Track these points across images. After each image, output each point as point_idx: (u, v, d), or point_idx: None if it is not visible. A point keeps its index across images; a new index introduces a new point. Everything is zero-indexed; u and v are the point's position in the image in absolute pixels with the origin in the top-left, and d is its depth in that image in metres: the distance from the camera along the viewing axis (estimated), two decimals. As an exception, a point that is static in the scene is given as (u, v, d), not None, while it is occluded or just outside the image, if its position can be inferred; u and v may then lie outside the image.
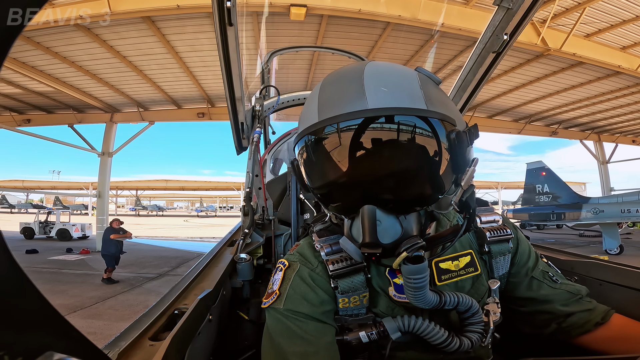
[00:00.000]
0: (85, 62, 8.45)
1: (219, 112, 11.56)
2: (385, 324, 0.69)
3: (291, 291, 0.72)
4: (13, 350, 0.25)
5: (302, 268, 0.75)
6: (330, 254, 0.74)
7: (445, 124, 0.61)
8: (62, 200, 37.51)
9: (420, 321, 0.68)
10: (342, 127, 0.59)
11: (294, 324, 0.68)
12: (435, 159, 0.60)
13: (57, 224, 16.13)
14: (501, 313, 0.76)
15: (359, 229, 0.61)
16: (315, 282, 0.73)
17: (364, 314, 0.73)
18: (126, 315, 5.43)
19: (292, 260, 0.78)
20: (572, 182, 30.11)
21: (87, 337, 0.33)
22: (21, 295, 0.27)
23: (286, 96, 2.18)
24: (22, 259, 10.70)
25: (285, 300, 0.71)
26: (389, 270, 0.75)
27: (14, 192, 43.77)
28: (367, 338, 0.69)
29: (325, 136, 0.61)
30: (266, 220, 1.54)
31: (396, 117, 0.57)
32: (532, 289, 0.83)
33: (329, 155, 0.61)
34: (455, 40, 7.56)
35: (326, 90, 0.66)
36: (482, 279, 0.80)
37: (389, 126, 0.57)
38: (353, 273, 0.72)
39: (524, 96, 11.39)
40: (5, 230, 1.98)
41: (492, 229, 0.82)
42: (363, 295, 0.72)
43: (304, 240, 0.86)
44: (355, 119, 0.58)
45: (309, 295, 0.71)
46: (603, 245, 11.19)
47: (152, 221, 36.89)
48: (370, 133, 0.58)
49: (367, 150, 0.58)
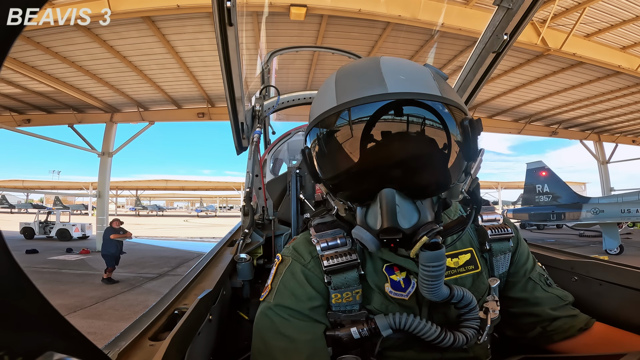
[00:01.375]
0: (85, 62, 8.46)
1: (219, 112, 11.57)
2: (377, 321, 0.69)
3: (281, 286, 0.74)
4: (13, 350, 0.25)
5: (294, 263, 0.76)
6: (326, 249, 0.74)
7: (460, 112, 0.63)
8: (62, 200, 37.52)
9: (411, 318, 0.68)
10: (363, 111, 0.58)
11: (280, 318, 0.69)
12: (451, 145, 0.61)
13: (57, 224, 16.14)
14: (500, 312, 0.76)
15: (376, 214, 0.60)
16: (306, 277, 0.74)
17: (357, 310, 0.73)
18: (126, 315, 5.43)
19: (286, 255, 0.80)
20: (572, 182, 30.12)
21: (87, 337, 0.33)
22: (21, 295, 0.27)
23: (286, 96, 2.18)
24: (22, 259, 10.70)
25: (275, 295, 0.73)
26: (386, 266, 0.75)
27: (14, 192, 43.81)
28: (358, 334, 0.69)
29: (344, 120, 0.60)
30: (266, 220, 1.54)
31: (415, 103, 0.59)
32: (526, 290, 0.84)
33: (349, 139, 0.60)
34: (455, 40, 7.56)
35: (343, 80, 0.65)
36: (482, 277, 0.80)
37: (410, 110, 0.58)
38: (347, 269, 0.72)
39: (524, 96, 11.39)
40: (5, 230, 1.97)
41: (493, 227, 0.83)
42: (356, 291, 0.72)
43: (301, 234, 0.86)
44: (378, 101, 0.57)
45: (298, 291, 0.72)
46: (603, 245, 11.19)
47: (152, 221, 36.89)
48: (391, 117, 0.57)
49: (388, 134, 0.58)
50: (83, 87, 9.97)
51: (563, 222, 13.25)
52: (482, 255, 0.82)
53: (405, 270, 0.75)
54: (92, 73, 8.98)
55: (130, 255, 10.24)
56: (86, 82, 9.58)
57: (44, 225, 16.36)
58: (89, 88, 10.04)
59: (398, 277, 0.75)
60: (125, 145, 13.04)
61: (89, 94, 10.41)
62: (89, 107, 11.58)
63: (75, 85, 9.72)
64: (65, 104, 11.28)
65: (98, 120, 12.19)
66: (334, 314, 0.72)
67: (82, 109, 11.80)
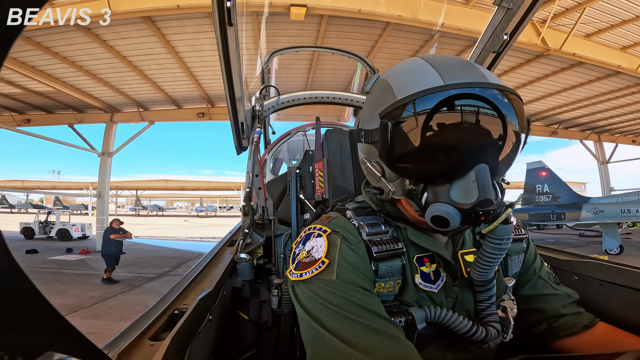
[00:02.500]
0: (85, 62, 8.45)
1: (219, 112, 11.56)
2: (414, 313, 0.69)
3: (341, 260, 0.66)
4: (13, 350, 0.25)
5: (344, 240, 0.70)
6: (372, 234, 0.72)
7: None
8: (62, 200, 37.48)
9: (444, 312, 0.70)
10: (472, 94, 0.62)
11: (358, 298, 0.61)
12: (520, 135, 0.67)
13: (57, 224, 16.12)
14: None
15: (467, 189, 0.62)
16: (357, 252, 0.70)
17: (391, 301, 0.72)
18: (126, 315, 5.43)
19: (332, 228, 0.73)
20: (572, 182, 30.11)
21: (87, 337, 0.33)
22: (21, 295, 0.27)
23: (286, 96, 2.18)
24: (22, 259, 10.70)
25: (338, 270, 0.65)
26: (417, 257, 0.75)
27: (14, 192, 43.79)
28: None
29: (452, 99, 0.62)
30: (266, 220, 1.54)
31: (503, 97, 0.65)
32: (536, 288, 0.87)
33: (452, 117, 0.62)
34: (455, 40, 7.55)
35: (442, 64, 0.67)
36: (501, 276, 0.82)
37: (504, 101, 0.64)
38: (394, 257, 0.71)
39: (524, 96, 11.38)
40: (5, 230, 1.98)
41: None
42: (397, 281, 0.72)
43: (334, 213, 0.80)
44: (487, 87, 0.62)
45: (361, 267, 0.67)
46: (603, 245, 11.18)
47: (152, 221, 36.90)
48: (490, 103, 0.62)
49: (487, 116, 0.62)
50: (83, 87, 9.97)
51: (563, 222, 13.25)
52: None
53: (435, 263, 0.76)
54: (92, 73, 8.98)
55: (130, 255, 10.24)
56: (86, 82, 9.58)
57: (44, 225, 16.34)
58: (89, 88, 10.04)
59: (428, 269, 0.75)
60: (125, 145, 13.04)
61: (89, 94, 10.41)
62: (89, 107, 11.57)
63: (75, 85, 9.72)
64: (65, 104, 11.28)
65: (98, 120, 12.19)
66: None
67: (82, 109, 11.79)
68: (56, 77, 9.01)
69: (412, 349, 0.58)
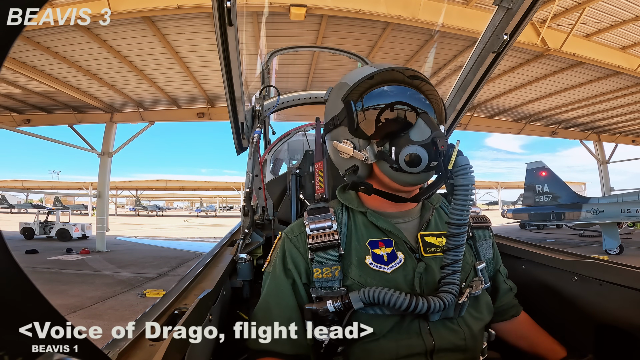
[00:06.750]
0: (85, 62, 8.45)
1: (219, 112, 11.55)
2: (350, 295, 0.77)
3: (274, 257, 0.93)
4: (13, 350, 0.25)
5: (284, 237, 0.94)
6: (315, 230, 0.88)
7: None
8: (62, 200, 37.48)
9: (379, 290, 0.75)
10: (397, 68, 0.85)
11: (271, 282, 0.90)
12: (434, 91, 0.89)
13: (57, 224, 16.09)
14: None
15: (420, 130, 0.78)
16: (295, 246, 0.90)
17: (337, 286, 0.82)
18: (126, 315, 5.43)
19: (284, 232, 0.97)
20: (573, 182, 30.12)
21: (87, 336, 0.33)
22: (21, 295, 0.27)
23: (286, 96, 2.18)
24: (22, 259, 10.70)
25: (269, 265, 0.94)
26: (370, 241, 0.86)
27: (14, 192, 43.78)
28: (333, 308, 0.78)
29: (388, 74, 0.85)
30: (266, 220, 1.54)
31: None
32: (496, 281, 0.99)
33: (394, 88, 0.83)
34: (455, 40, 7.55)
35: (372, 64, 0.91)
36: (466, 258, 0.88)
37: (419, 74, 0.87)
38: (328, 248, 0.85)
39: (524, 96, 11.38)
40: (5, 230, 1.97)
41: (473, 217, 0.97)
42: (335, 267, 0.83)
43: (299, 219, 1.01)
44: (409, 69, 0.86)
45: (294, 258, 0.89)
46: (603, 245, 11.17)
47: (152, 221, 36.86)
48: (411, 72, 0.86)
49: (419, 83, 0.85)
50: (83, 87, 9.96)
51: (563, 222, 13.24)
52: (467, 242, 0.90)
53: (392, 247, 0.85)
54: (92, 73, 8.97)
55: (130, 255, 10.25)
56: (86, 82, 9.58)
57: (43, 225, 16.31)
58: (89, 88, 10.03)
59: (382, 251, 0.85)
60: (125, 145, 13.02)
61: (89, 94, 10.40)
62: (89, 107, 11.57)
63: (75, 85, 9.71)
64: (65, 104, 11.28)
65: (98, 120, 12.18)
66: (317, 290, 0.82)
67: (82, 109, 11.79)
68: (56, 77, 9.00)
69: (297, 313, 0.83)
